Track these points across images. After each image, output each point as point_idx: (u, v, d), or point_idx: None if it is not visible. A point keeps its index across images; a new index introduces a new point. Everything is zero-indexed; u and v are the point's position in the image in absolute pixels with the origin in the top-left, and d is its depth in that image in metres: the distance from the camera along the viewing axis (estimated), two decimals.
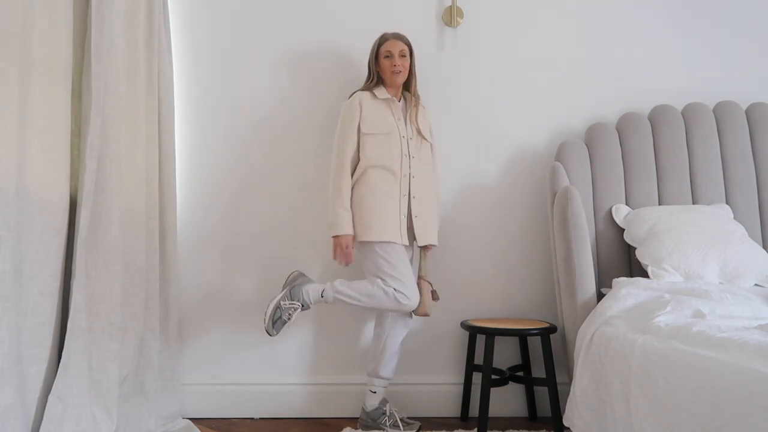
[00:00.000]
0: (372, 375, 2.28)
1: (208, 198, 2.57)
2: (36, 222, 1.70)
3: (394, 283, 2.13)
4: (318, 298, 2.16)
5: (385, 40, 2.32)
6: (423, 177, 2.31)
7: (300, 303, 2.14)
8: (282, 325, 2.12)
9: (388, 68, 2.29)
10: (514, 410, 2.51)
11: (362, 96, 2.30)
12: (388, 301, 2.13)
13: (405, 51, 2.31)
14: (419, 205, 2.28)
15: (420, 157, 2.32)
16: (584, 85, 2.67)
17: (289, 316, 2.12)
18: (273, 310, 2.13)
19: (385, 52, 2.30)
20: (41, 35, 1.73)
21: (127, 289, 2.07)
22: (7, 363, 1.57)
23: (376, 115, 2.28)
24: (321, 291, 2.16)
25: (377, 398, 2.28)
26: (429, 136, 2.38)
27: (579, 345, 1.98)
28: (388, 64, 2.29)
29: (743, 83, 2.70)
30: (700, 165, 2.50)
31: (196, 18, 2.61)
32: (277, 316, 2.12)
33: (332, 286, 2.16)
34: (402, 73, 2.29)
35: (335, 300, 2.16)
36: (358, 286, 2.15)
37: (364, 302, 2.14)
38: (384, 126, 2.27)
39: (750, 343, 1.36)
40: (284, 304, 2.14)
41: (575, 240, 2.16)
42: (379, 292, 2.12)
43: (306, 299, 2.16)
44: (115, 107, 1.98)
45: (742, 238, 2.23)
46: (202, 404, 2.47)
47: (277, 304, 2.14)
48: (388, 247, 2.16)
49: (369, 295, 2.13)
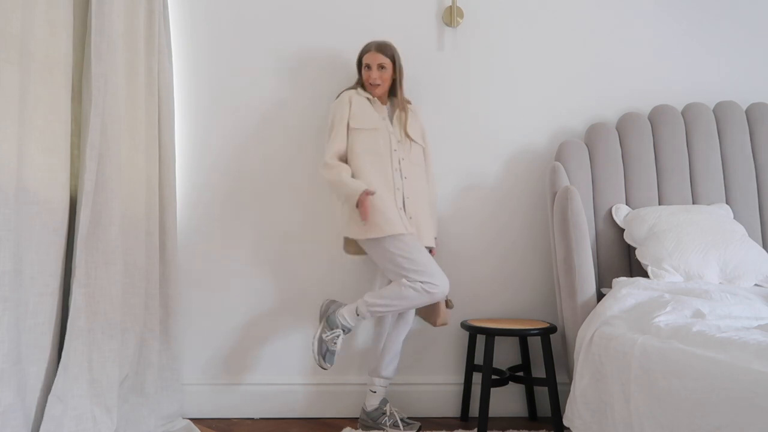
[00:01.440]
0: (373, 375, 2.28)
1: (208, 198, 2.57)
2: (36, 222, 1.70)
3: (418, 277, 2.10)
4: (354, 317, 2.15)
5: (366, 51, 2.33)
6: (415, 178, 2.31)
7: (340, 329, 2.14)
8: (332, 356, 2.13)
9: (367, 79, 2.32)
10: (514, 410, 2.51)
11: (351, 93, 2.32)
12: (419, 297, 2.10)
13: (385, 63, 2.31)
14: (413, 206, 2.26)
15: (410, 159, 2.32)
16: (584, 85, 2.67)
17: (335, 344, 2.13)
18: (318, 345, 2.14)
19: (365, 64, 2.33)
20: (41, 35, 1.73)
21: (127, 289, 2.06)
22: (7, 363, 1.57)
23: (363, 111, 2.29)
24: (355, 310, 2.15)
25: (377, 398, 2.28)
26: (421, 140, 2.39)
27: (579, 345, 1.98)
28: (367, 75, 2.32)
29: (743, 83, 2.70)
30: (700, 165, 2.50)
31: (196, 18, 2.60)
32: (324, 349, 2.13)
33: (364, 302, 2.15)
34: (380, 86, 2.31)
35: (372, 314, 2.15)
36: (387, 292, 2.14)
37: (399, 305, 2.13)
38: (370, 122, 2.28)
39: (750, 343, 1.36)
40: (326, 336, 2.14)
41: (575, 240, 2.16)
42: (408, 291, 2.09)
43: (344, 324, 2.15)
44: (115, 107, 1.97)
45: (742, 238, 2.23)
46: (202, 404, 2.47)
47: (319, 339, 2.14)
48: (397, 241, 2.13)
49: (400, 297, 2.11)
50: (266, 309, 2.53)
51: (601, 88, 2.67)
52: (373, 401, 2.27)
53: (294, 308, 2.54)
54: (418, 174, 2.34)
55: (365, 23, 2.58)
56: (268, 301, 2.53)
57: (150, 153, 2.25)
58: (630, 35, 2.70)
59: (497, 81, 2.66)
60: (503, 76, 2.66)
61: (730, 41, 2.72)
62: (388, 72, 2.32)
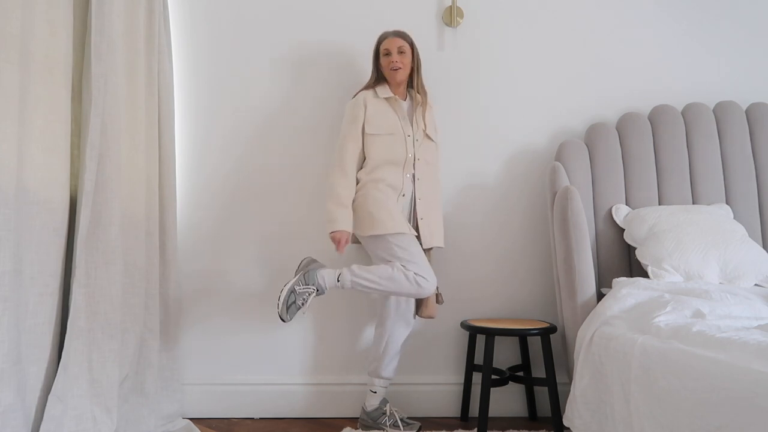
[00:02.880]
0: (373, 375, 2.28)
1: (208, 198, 2.57)
2: (36, 222, 1.70)
3: (413, 267, 2.08)
4: (334, 282, 2.08)
5: (384, 38, 2.33)
6: (427, 178, 2.32)
7: (315, 287, 2.05)
8: (296, 310, 2.04)
9: (387, 65, 2.30)
10: (514, 410, 2.51)
11: (367, 95, 2.30)
12: (408, 285, 2.07)
13: (404, 48, 2.31)
14: (424, 207, 2.28)
15: (426, 158, 2.32)
16: (584, 85, 2.67)
17: (304, 301, 2.04)
18: (287, 294, 2.04)
19: (384, 50, 2.31)
20: (41, 35, 1.73)
21: (127, 289, 2.07)
22: (7, 363, 1.57)
23: (381, 115, 2.28)
24: (337, 275, 2.09)
25: (377, 398, 2.27)
26: (434, 136, 2.38)
27: (579, 345, 1.98)
28: (387, 62, 2.30)
29: (743, 83, 2.70)
30: (700, 165, 2.50)
31: (196, 18, 2.61)
32: (291, 300, 2.04)
33: (350, 271, 2.09)
34: (401, 69, 2.29)
35: (353, 284, 2.08)
36: (378, 269, 2.09)
37: (384, 286, 2.08)
38: (388, 126, 2.27)
39: (750, 343, 1.36)
40: (299, 288, 2.06)
41: (575, 240, 2.16)
42: (400, 275, 2.06)
43: (321, 283, 2.07)
44: (115, 107, 1.97)
45: (742, 238, 2.23)
46: (202, 404, 2.47)
47: (291, 289, 2.05)
48: (400, 237, 2.13)
49: (389, 278, 2.06)
50: (266, 309, 2.53)
51: (601, 88, 2.67)
52: (373, 401, 2.27)
53: None
54: (430, 174, 2.34)
55: (365, 23, 2.58)
56: (268, 301, 2.53)
57: (150, 153, 2.25)
58: (630, 35, 2.70)
59: (497, 81, 2.66)
60: (503, 76, 2.66)
61: (730, 41, 2.72)
62: (408, 57, 2.31)
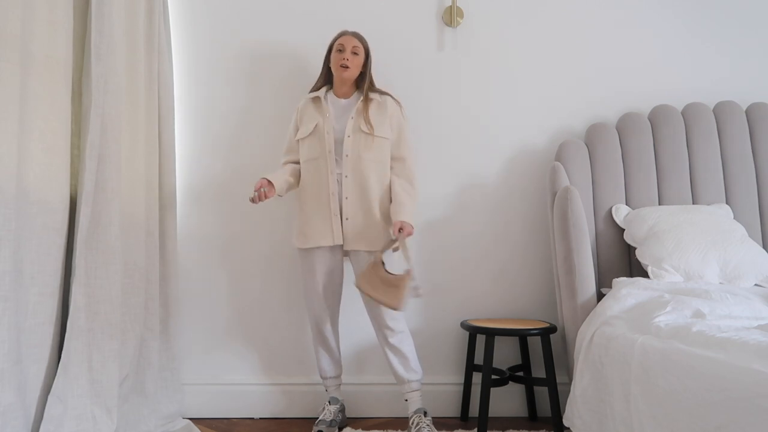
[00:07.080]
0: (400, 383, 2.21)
1: (208, 198, 2.57)
2: (36, 222, 1.70)
3: (308, 313, 2.28)
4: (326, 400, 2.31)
5: (341, 34, 2.27)
6: (361, 176, 2.16)
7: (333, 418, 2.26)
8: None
9: (337, 61, 2.21)
10: (514, 410, 2.51)
11: (305, 100, 2.31)
12: (319, 336, 2.28)
13: (358, 49, 2.24)
14: (352, 207, 2.16)
15: (361, 154, 2.16)
16: (584, 85, 2.67)
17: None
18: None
19: (338, 46, 2.23)
20: (41, 35, 1.73)
21: (127, 289, 2.07)
22: (7, 363, 1.57)
23: (307, 118, 2.26)
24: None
25: (412, 406, 2.18)
26: (388, 133, 2.21)
27: (579, 345, 1.98)
28: (338, 58, 2.21)
29: (743, 83, 2.70)
30: (700, 165, 2.50)
31: (196, 18, 2.61)
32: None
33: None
34: (350, 69, 2.21)
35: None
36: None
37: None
38: (308, 127, 2.22)
39: (750, 343, 1.36)
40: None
41: (575, 240, 2.16)
42: (314, 336, 2.30)
43: (329, 416, 2.25)
44: (115, 107, 1.98)
45: (742, 238, 2.23)
46: (202, 404, 2.47)
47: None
48: (304, 256, 2.24)
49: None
50: (266, 309, 2.53)
51: (601, 87, 2.67)
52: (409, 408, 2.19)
53: (294, 308, 2.54)
54: (370, 169, 2.17)
55: (365, 23, 2.58)
56: (268, 301, 2.53)
57: (150, 153, 2.25)
58: (630, 35, 2.70)
59: (497, 81, 2.66)
60: (503, 76, 2.66)
61: (730, 41, 2.72)
62: (360, 59, 2.25)
